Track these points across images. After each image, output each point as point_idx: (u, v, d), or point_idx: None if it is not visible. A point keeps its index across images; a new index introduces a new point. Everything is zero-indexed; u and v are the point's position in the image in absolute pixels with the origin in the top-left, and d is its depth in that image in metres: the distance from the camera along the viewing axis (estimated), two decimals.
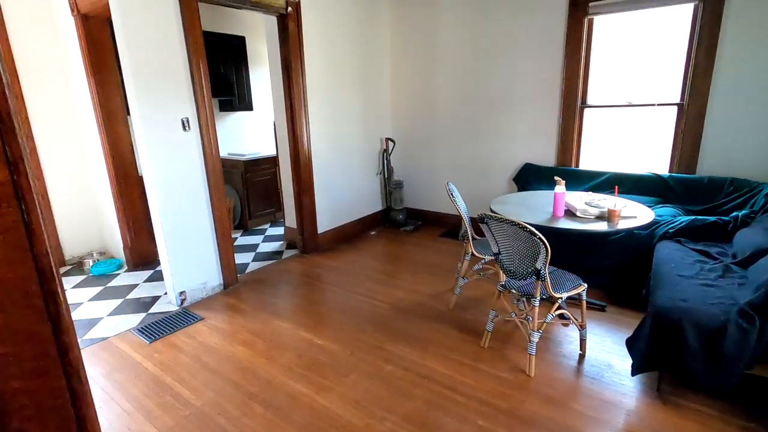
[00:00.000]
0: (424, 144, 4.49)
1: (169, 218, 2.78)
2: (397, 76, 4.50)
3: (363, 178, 4.42)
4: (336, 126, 3.99)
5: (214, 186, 2.98)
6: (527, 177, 3.74)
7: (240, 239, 4.39)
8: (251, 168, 4.62)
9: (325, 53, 3.74)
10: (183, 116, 2.76)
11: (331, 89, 3.87)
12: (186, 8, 2.65)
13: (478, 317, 2.65)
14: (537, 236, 1.84)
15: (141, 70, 2.53)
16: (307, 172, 3.73)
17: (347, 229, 4.28)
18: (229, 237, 3.14)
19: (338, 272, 3.44)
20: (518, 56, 3.66)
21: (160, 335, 2.54)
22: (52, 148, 3.57)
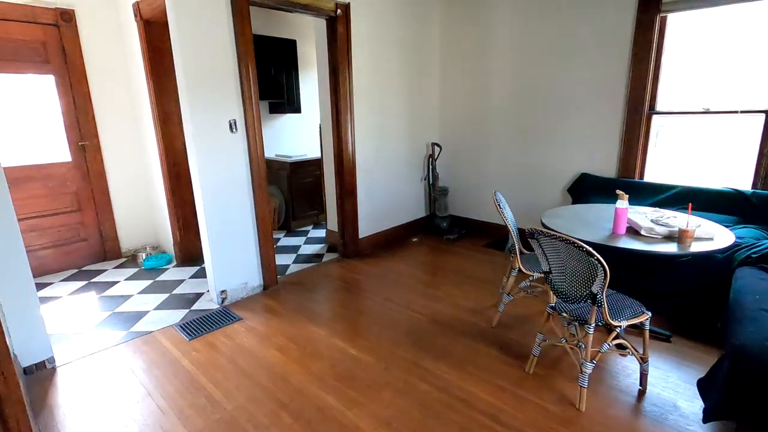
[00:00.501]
0: (472, 150, 4.31)
1: (214, 217, 2.83)
2: (447, 79, 4.36)
3: (407, 183, 4.32)
4: (381, 129, 3.93)
5: (258, 187, 3.00)
6: (583, 188, 3.47)
7: (283, 240, 4.44)
8: (297, 170, 4.66)
9: (373, 56, 3.69)
10: (231, 118, 2.80)
11: (378, 92, 3.81)
12: (237, 13, 2.69)
13: (523, 339, 2.46)
14: (595, 257, 1.65)
15: (193, 73, 2.59)
16: (351, 175, 3.69)
17: (389, 234, 4.19)
18: (270, 238, 3.16)
19: (377, 279, 3.36)
20: (578, 58, 3.41)
21: (200, 333, 2.58)
22: (114, 147, 3.78)
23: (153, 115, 3.44)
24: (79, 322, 2.75)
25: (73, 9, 3.41)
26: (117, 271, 3.65)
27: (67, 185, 3.62)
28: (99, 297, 3.14)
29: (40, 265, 3.55)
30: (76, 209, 3.70)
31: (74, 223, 3.70)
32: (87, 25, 3.49)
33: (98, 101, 3.64)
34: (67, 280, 3.48)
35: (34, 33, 3.30)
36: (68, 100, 3.51)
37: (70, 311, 2.91)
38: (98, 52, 3.56)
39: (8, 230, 2.06)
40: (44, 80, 3.39)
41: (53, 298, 3.15)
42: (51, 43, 3.37)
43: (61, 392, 2.08)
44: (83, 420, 1.89)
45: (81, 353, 2.41)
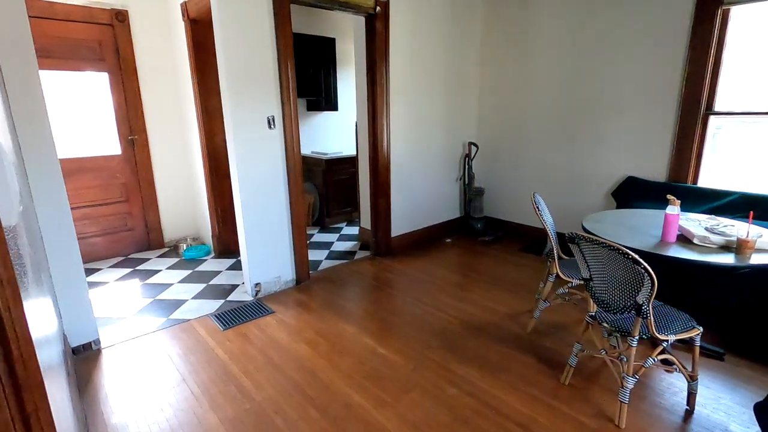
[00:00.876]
0: (511, 150, 4.19)
1: (251, 211, 2.90)
2: (486, 77, 4.26)
3: (442, 182, 4.26)
4: (417, 128, 3.89)
5: (294, 183, 3.04)
6: (629, 192, 3.29)
7: (316, 236, 4.49)
8: (332, 167, 4.70)
9: (411, 53, 3.65)
10: (269, 114, 2.85)
11: (415, 90, 3.77)
12: (278, 12, 2.73)
13: (559, 347, 2.35)
14: (641, 265, 1.54)
15: (234, 70, 2.65)
16: (385, 173, 3.67)
17: (422, 234, 4.15)
18: (304, 234, 3.20)
19: (408, 279, 3.33)
20: (628, 54, 3.22)
21: (233, 324, 2.65)
22: (160, 141, 3.95)
23: (196, 111, 3.56)
24: (124, 308, 2.89)
25: (126, 9, 3.59)
26: (159, 260, 3.82)
27: (116, 177, 3.82)
28: (142, 284, 3.29)
29: (90, 251, 3.77)
30: (124, 200, 3.89)
31: (122, 213, 3.90)
32: (139, 25, 3.66)
33: (147, 97, 3.81)
34: (114, 266, 3.68)
35: (92, 32, 3.49)
36: (120, 96, 3.70)
37: (116, 297, 3.07)
38: (148, 50, 3.73)
39: (62, 219, 2.19)
40: (99, 77, 3.59)
41: (101, 283, 3.33)
42: (106, 42, 3.56)
43: (104, 372, 2.19)
44: (124, 400, 1.98)
45: (124, 337, 2.53)
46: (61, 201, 2.18)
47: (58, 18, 3.32)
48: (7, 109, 1.83)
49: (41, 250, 1.94)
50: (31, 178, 2.07)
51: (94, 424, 1.84)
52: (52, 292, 1.99)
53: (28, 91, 2.01)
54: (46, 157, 2.10)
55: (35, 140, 2.06)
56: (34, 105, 2.04)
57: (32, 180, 2.08)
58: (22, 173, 1.74)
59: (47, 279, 1.90)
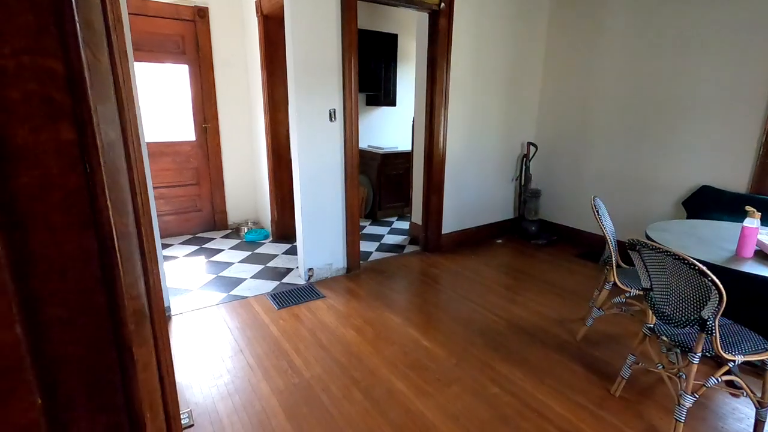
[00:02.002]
0: (571, 152, 4.03)
1: (308, 199, 3.04)
2: (549, 77, 4.12)
3: (496, 182, 4.19)
4: (475, 126, 3.85)
5: (350, 175, 3.14)
6: (703, 202, 3.06)
7: (368, 228, 4.60)
8: (387, 161, 4.78)
9: (473, 51, 3.62)
10: (331, 107, 2.97)
11: (475, 88, 3.74)
12: (346, 9, 2.83)
13: (610, 358, 2.26)
14: (709, 278, 1.46)
15: (301, 63, 2.79)
16: (439, 170, 3.68)
17: (473, 233, 4.12)
18: (357, 225, 3.30)
19: (456, 276, 3.33)
20: (708, 54, 2.99)
21: (287, 304, 2.81)
22: (229, 130, 4.23)
23: (263, 102, 3.77)
24: (191, 281, 3.15)
25: (207, 6, 3.87)
26: (223, 240, 4.11)
27: (190, 161, 4.15)
28: (207, 261, 3.56)
29: (164, 228, 4.13)
30: (195, 183, 4.22)
31: (193, 195, 4.23)
32: (217, 21, 3.93)
33: (220, 88, 4.10)
34: (183, 243, 4.01)
35: (176, 28, 3.81)
36: (197, 87, 4.01)
37: (185, 270, 3.35)
38: (224, 44, 4.00)
39: None
40: (180, 69, 3.91)
41: (173, 257, 3.64)
42: (188, 36, 3.87)
43: (173, 337, 2.42)
44: (189, 363, 2.18)
45: (190, 307, 2.77)
46: (147, 180, 2.42)
47: (149, 14, 3.66)
48: None
49: None
50: None
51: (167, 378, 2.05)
52: None
53: None
54: None
55: None
56: None
57: None
58: None
59: None
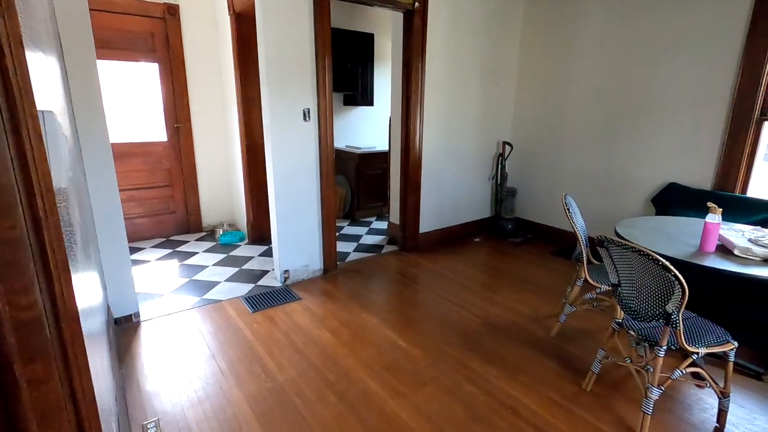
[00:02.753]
0: (546, 151, 4.10)
1: (283, 200, 3.00)
2: (525, 76, 4.18)
3: (473, 181, 4.22)
4: (451, 125, 3.87)
5: (326, 175, 3.11)
6: (670, 199, 3.15)
7: (346, 228, 4.57)
8: (365, 161, 4.76)
9: (448, 50, 3.64)
10: (305, 107, 2.93)
11: (451, 87, 3.76)
12: (318, 8, 2.80)
13: (582, 353, 2.30)
14: (672, 272, 1.49)
15: (273, 62, 2.75)
16: (416, 170, 3.68)
17: (450, 232, 4.14)
18: (333, 226, 3.27)
19: (434, 276, 3.34)
20: (675, 55, 3.08)
21: (262, 307, 2.76)
22: (203, 130, 4.14)
23: (237, 102, 3.71)
24: (162, 285, 3.07)
25: (178, 4, 3.78)
26: (197, 243, 4.01)
27: (162, 162, 4.04)
28: (180, 265, 3.47)
29: (136, 231, 4.01)
30: (168, 184, 4.11)
31: (166, 196, 4.13)
32: (188, 18, 3.84)
33: (192, 87, 4.00)
34: (156, 247, 3.90)
35: (145, 25, 3.70)
36: (168, 86, 3.91)
37: (156, 275, 3.26)
38: (196, 42, 3.91)
39: (111, 198, 2.36)
40: (150, 68, 3.80)
41: (144, 261, 3.54)
42: (158, 34, 3.77)
43: (142, 343, 2.35)
44: (158, 370, 2.12)
45: (161, 312, 2.69)
46: (111, 181, 2.34)
47: (116, 11, 3.54)
48: (67, 93, 1.99)
49: (91, 225, 2.10)
50: (86, 157, 2.24)
51: (130, 389, 1.98)
52: (99, 266, 2.15)
53: (86, 78, 2.17)
54: (100, 139, 2.27)
55: (90, 123, 2.22)
56: (92, 91, 2.20)
57: (86, 159, 2.25)
58: (77, 152, 1.90)
59: (95, 252, 2.06)
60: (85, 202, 1.81)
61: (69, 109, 1.86)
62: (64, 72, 2.06)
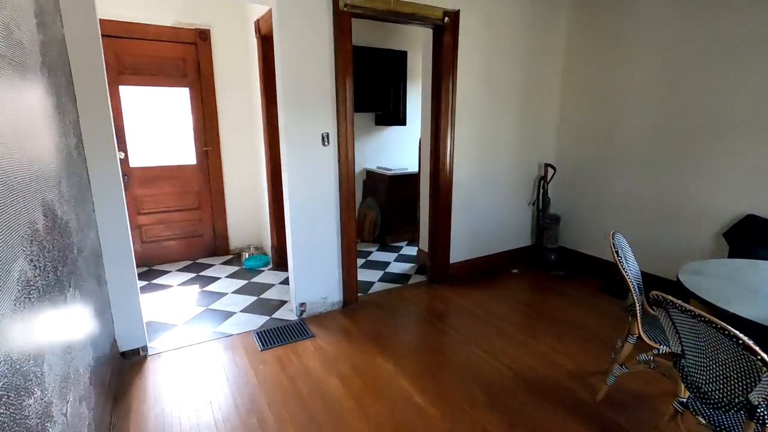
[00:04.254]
0: (595, 175, 3.68)
1: (299, 228, 2.83)
2: (570, 92, 3.80)
3: (511, 206, 3.87)
4: (486, 146, 3.57)
5: (345, 203, 2.92)
6: (748, 235, 2.65)
7: (374, 254, 4.35)
8: (396, 183, 4.55)
9: (483, 66, 3.36)
10: (324, 131, 2.77)
11: (485, 106, 3.47)
12: (338, 27, 2.64)
13: (634, 427, 1.90)
14: (759, 357, 1.13)
15: (291, 84, 2.62)
16: (446, 194, 3.41)
17: (485, 262, 3.79)
18: (353, 256, 3.06)
19: (464, 314, 3.02)
20: (749, 65, 2.62)
21: (272, 345, 2.58)
22: (231, 153, 4.11)
23: (263, 125, 3.63)
24: (178, 314, 2.98)
25: (209, 29, 3.80)
26: (222, 267, 3.95)
27: (191, 185, 4.04)
28: (200, 291, 3.40)
29: (164, 254, 4.02)
30: (197, 207, 4.11)
31: (194, 219, 4.12)
32: (219, 43, 3.86)
33: (222, 111, 4.00)
34: (182, 270, 3.88)
35: (177, 51, 3.75)
36: (198, 110, 3.93)
37: (175, 302, 3.19)
38: (225, 66, 3.91)
39: (120, 230, 2.29)
40: (181, 92, 3.84)
41: (167, 286, 3.50)
42: (189, 59, 3.80)
43: (143, 381, 2.23)
44: (150, 414, 1.97)
45: (171, 345, 2.58)
46: (120, 210, 2.27)
47: (150, 38, 3.61)
48: (73, 119, 1.94)
49: (93, 256, 2.03)
50: (94, 186, 2.19)
51: (119, 428, 1.85)
52: (99, 297, 2.06)
53: (96, 105, 2.13)
54: (109, 168, 2.21)
55: (100, 150, 2.17)
56: (101, 117, 2.15)
57: (95, 188, 2.19)
58: (80, 182, 1.82)
59: (94, 286, 1.97)
60: (81, 231, 1.72)
61: (77, 134, 1.80)
62: (72, 98, 2.02)
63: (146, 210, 3.89)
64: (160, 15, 3.59)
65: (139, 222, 3.88)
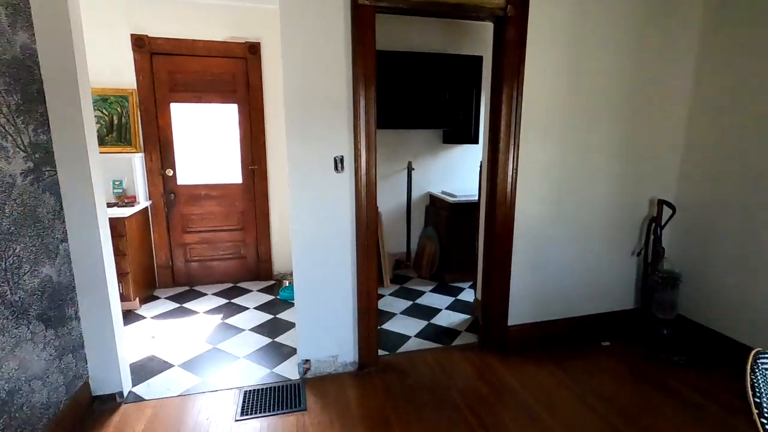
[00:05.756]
0: (735, 221, 2.51)
1: (306, 271, 2.33)
2: (705, 108, 2.70)
3: (603, 256, 2.86)
4: (566, 175, 2.67)
5: (363, 241, 2.34)
6: None
7: (426, 296, 3.66)
8: (459, 212, 3.82)
9: (563, 69, 2.51)
10: (337, 154, 2.25)
11: (566, 122, 2.59)
12: (357, 24, 2.11)
13: None
14: None
15: (297, 95, 2.16)
16: (503, 233, 2.60)
17: (560, 327, 2.85)
18: (373, 309, 2.45)
19: (515, 408, 2.19)
20: None
21: (252, 413, 2.10)
22: (277, 172, 3.84)
23: None
24: (181, 352, 2.70)
25: (259, 42, 3.59)
26: (256, 295, 3.66)
27: (236, 205, 3.86)
28: (220, 323, 3.11)
29: (207, 274, 3.89)
30: (241, 228, 3.91)
31: (237, 240, 3.93)
32: (269, 56, 3.63)
33: (269, 128, 3.76)
34: (217, 294, 3.68)
35: (227, 66, 3.61)
36: (246, 127, 3.74)
37: (189, 335, 2.94)
38: (275, 81, 3.66)
39: (94, 262, 2.05)
40: (229, 109, 3.69)
41: (193, 312, 3.31)
42: (238, 74, 3.64)
43: None
44: None
45: (153, 393, 2.28)
46: (95, 243, 2.03)
47: (200, 54, 3.52)
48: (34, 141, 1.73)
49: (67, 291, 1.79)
50: (67, 214, 1.98)
51: None
52: (66, 337, 1.81)
53: (69, 128, 1.92)
54: (82, 195, 1.98)
55: (73, 177, 1.96)
56: (74, 134, 1.93)
57: (68, 216, 1.98)
58: (45, 211, 1.58)
59: (44, 327, 1.71)
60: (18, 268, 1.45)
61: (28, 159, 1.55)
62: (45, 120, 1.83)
63: (191, 228, 3.80)
64: (211, 30, 3.48)
65: (185, 240, 3.80)
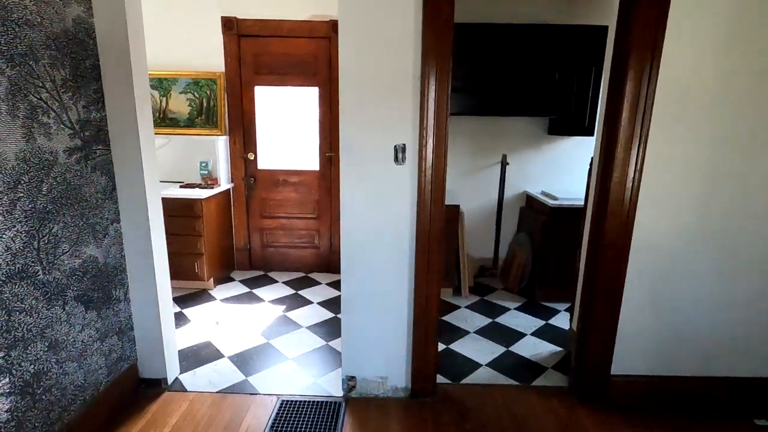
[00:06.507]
0: None
1: (353, 276, 2.02)
2: None
3: (762, 293, 2.02)
4: (715, 181, 1.90)
5: (424, 247, 1.94)
6: None
7: (511, 313, 3.11)
8: (558, 218, 3.16)
9: (718, 37, 1.75)
10: (399, 142, 1.86)
11: (719, 110, 1.82)
12: None
13: None
14: None
15: (355, 74, 1.82)
16: (614, 254, 1.96)
17: (687, 389, 2.10)
18: (433, 327, 2.04)
19: None
20: None
21: (283, 429, 1.88)
22: None
23: None
24: (235, 343, 2.62)
25: None
26: (324, 289, 3.50)
27: (312, 192, 3.73)
28: (281, 316, 3.00)
29: (281, 261, 3.85)
30: (315, 217, 3.77)
31: (312, 229, 3.80)
32: None
33: None
34: (287, 283, 3.61)
35: (309, 47, 3.43)
36: (326, 111, 3.55)
37: (247, 324, 2.87)
38: None
39: (143, 246, 2.00)
40: (310, 92, 3.52)
41: (260, 300, 3.26)
42: (321, 56, 3.44)
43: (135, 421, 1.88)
44: None
45: (194, 385, 2.20)
46: (144, 225, 1.97)
47: (283, 35, 3.39)
48: (102, 118, 1.68)
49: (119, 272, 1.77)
50: (121, 197, 1.94)
51: None
52: (113, 318, 1.78)
53: (124, 108, 1.86)
54: (135, 174, 1.92)
55: (126, 158, 1.91)
56: (128, 119, 1.87)
57: (121, 198, 1.95)
58: (95, 190, 1.53)
59: (89, 307, 1.68)
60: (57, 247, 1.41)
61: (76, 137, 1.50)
62: (99, 97, 1.79)
63: (269, 214, 3.77)
64: (295, 8, 3.33)
65: (263, 225, 3.79)
